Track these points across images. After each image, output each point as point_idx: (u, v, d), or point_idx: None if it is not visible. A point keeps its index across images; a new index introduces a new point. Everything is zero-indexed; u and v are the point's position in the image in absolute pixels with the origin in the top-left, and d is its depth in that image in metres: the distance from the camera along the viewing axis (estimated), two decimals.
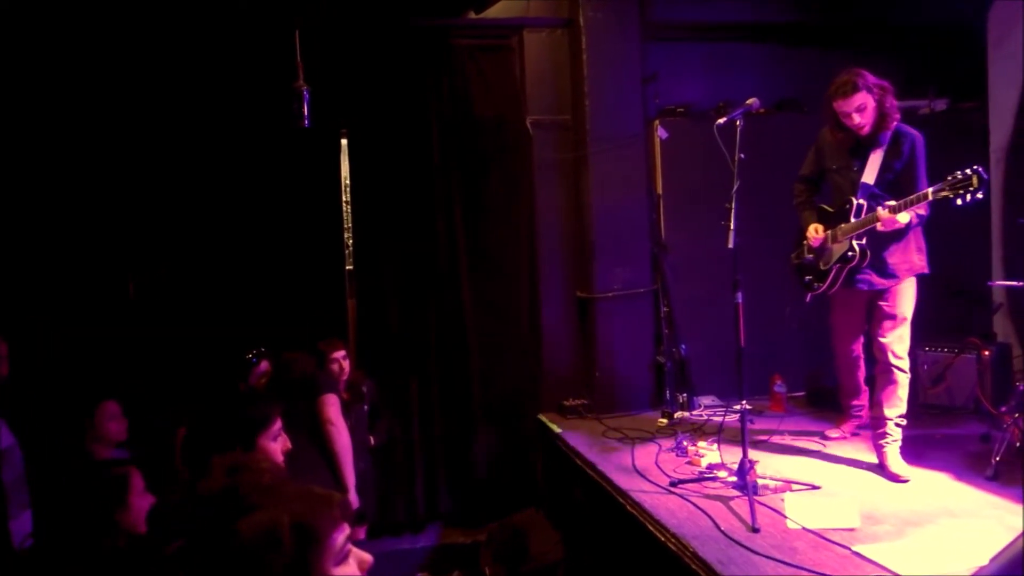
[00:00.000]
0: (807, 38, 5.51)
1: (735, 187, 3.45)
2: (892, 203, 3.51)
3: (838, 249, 3.77)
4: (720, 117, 3.55)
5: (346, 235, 5.24)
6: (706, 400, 5.13)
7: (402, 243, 5.14)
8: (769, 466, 3.78)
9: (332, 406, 3.58)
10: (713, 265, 4.73)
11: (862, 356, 4.10)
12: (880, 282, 3.70)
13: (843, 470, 3.77)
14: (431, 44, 5.13)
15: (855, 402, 4.24)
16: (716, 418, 4.71)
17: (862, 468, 3.77)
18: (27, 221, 4.58)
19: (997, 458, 3.50)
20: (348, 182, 5.22)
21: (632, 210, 5.21)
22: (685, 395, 5.09)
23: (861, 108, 3.58)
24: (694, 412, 5.00)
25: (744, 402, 3.50)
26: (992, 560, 1.92)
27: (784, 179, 4.38)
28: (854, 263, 3.69)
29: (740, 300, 3.45)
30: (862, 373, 4.17)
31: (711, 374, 5.15)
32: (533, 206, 5.33)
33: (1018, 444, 3.61)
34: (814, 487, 3.51)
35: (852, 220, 3.70)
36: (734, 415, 3.77)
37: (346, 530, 1.22)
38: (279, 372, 3.77)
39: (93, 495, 2.23)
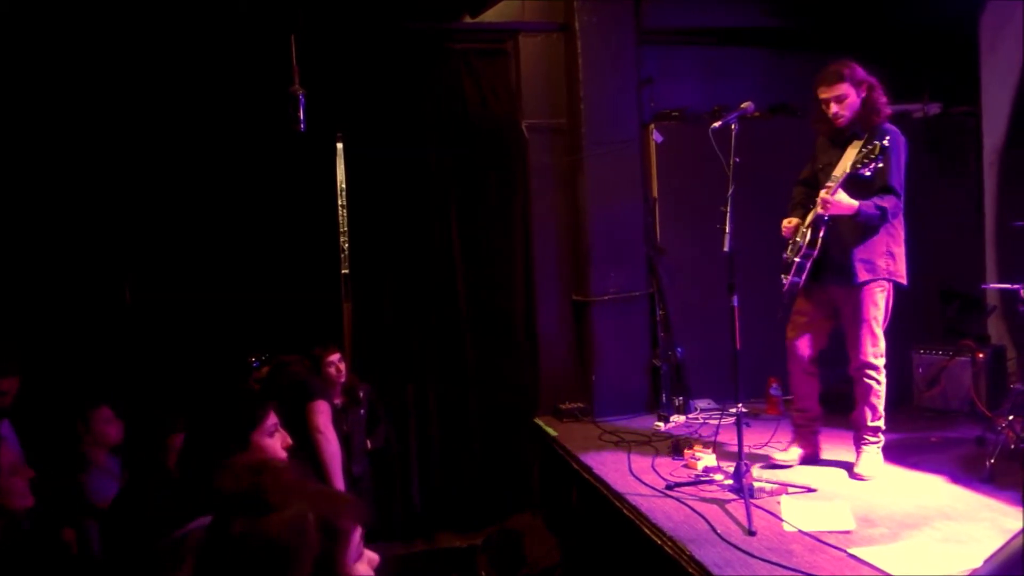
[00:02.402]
0: (801, 43, 5.53)
1: (730, 191, 3.46)
2: (830, 184, 3.55)
3: (800, 240, 3.73)
4: (715, 121, 3.55)
5: (342, 239, 5.24)
6: (702, 403, 5.14)
7: (398, 247, 5.14)
8: (765, 469, 3.79)
9: (322, 414, 3.53)
10: (709, 268, 4.73)
11: (815, 371, 3.87)
12: (844, 282, 3.65)
13: (839, 473, 3.78)
14: (427, 48, 5.14)
15: (801, 416, 3.96)
16: (712, 421, 4.72)
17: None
18: (23, 226, 4.57)
19: (992, 460, 3.51)
20: (344, 186, 5.22)
21: (628, 214, 5.22)
22: (681, 398, 5.10)
23: (841, 99, 3.61)
24: (690, 415, 5.00)
25: (740, 405, 3.50)
26: (986, 562, 1.93)
27: (779, 183, 4.39)
28: (814, 254, 3.63)
29: (736, 303, 3.46)
30: (813, 387, 3.90)
31: (707, 377, 5.16)
32: (529, 210, 5.34)
33: (1012, 446, 3.62)
34: (810, 490, 3.51)
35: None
36: (730, 418, 3.78)
37: (360, 529, 1.26)
38: (272, 376, 3.76)
39: None
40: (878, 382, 3.68)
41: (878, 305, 3.66)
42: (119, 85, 4.65)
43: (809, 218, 3.72)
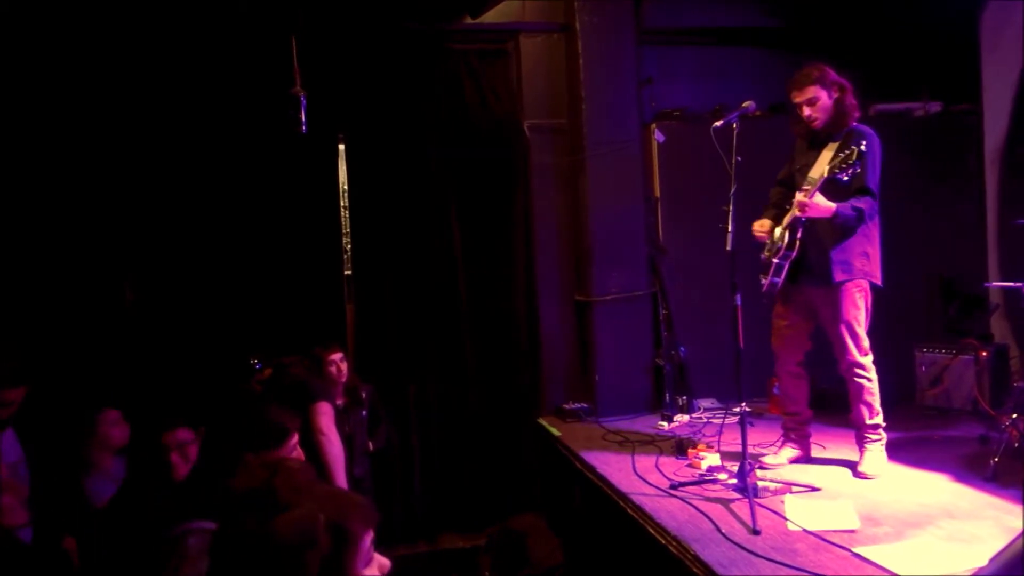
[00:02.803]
0: (801, 42, 5.51)
1: (732, 190, 3.46)
2: (807, 187, 3.56)
3: (779, 242, 3.73)
4: (716, 120, 3.56)
5: (344, 240, 5.24)
6: (705, 403, 5.13)
7: (399, 247, 5.14)
8: (769, 468, 3.79)
9: (324, 415, 3.52)
10: (711, 268, 4.74)
11: (803, 373, 3.91)
12: (822, 283, 3.65)
13: (843, 472, 3.78)
14: (428, 49, 5.14)
15: (791, 419, 3.99)
16: (716, 421, 4.71)
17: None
18: (24, 228, 4.57)
19: (995, 459, 3.51)
20: (346, 187, 5.22)
21: (629, 213, 5.23)
22: (684, 398, 5.10)
23: (812, 101, 3.64)
24: (693, 415, 5.00)
25: (743, 404, 3.50)
26: (991, 560, 1.94)
27: None
28: (792, 255, 3.65)
29: (739, 302, 3.46)
30: (802, 390, 3.93)
31: (710, 377, 5.16)
32: (530, 210, 5.34)
33: (1016, 445, 3.62)
34: (814, 489, 3.51)
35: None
36: (733, 418, 3.77)
37: (371, 533, 1.27)
38: (274, 377, 3.76)
39: None
40: (869, 379, 3.68)
41: (857, 305, 3.64)
42: (119, 86, 4.65)
43: (787, 220, 3.72)
